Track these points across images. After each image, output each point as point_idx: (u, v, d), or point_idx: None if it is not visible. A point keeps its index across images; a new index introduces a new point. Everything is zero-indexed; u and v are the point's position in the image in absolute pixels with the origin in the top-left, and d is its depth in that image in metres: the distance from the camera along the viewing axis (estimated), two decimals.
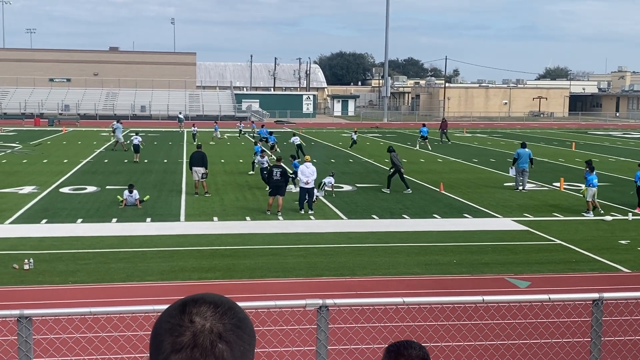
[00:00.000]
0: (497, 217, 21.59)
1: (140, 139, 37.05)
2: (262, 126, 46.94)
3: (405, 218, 21.18)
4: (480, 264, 15.66)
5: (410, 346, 2.58)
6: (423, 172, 32.96)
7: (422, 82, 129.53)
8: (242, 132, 56.83)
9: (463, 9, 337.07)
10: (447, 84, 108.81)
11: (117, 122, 44.80)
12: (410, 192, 25.84)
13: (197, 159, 24.87)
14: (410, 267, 15.27)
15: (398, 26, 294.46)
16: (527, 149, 27.38)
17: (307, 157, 22.98)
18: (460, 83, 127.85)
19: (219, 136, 52.71)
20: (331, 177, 25.30)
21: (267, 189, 21.56)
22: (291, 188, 24.27)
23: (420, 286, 13.70)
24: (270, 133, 41.61)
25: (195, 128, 49.77)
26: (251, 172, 30.78)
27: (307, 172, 21.57)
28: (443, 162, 37.98)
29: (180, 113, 68.52)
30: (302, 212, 21.47)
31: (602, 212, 21.82)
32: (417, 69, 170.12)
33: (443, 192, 26.25)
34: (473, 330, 10.35)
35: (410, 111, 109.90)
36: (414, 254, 16.51)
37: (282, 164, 22.03)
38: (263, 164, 27.05)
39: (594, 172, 22.27)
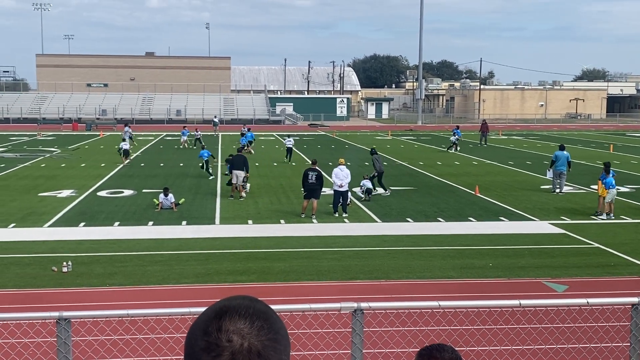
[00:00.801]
0: (534, 220, 21.33)
1: (129, 145, 38.41)
2: (249, 130, 47.93)
3: (440, 221, 21.04)
4: (517, 267, 15.48)
5: (443, 349, 2.56)
6: (458, 174, 32.72)
7: (457, 84, 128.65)
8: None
9: (498, 11, 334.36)
10: (482, 86, 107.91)
11: (126, 126, 45.52)
12: (389, 194, 25.87)
13: (239, 162, 24.95)
14: (445, 270, 15.16)
15: (432, 28, 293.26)
16: (565, 152, 27.00)
17: (342, 160, 22.91)
18: (496, 85, 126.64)
19: (185, 141, 48.56)
20: (367, 181, 25.12)
21: (302, 191, 21.57)
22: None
23: (455, 290, 13.58)
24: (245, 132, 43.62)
25: (199, 132, 49.15)
26: (212, 177, 30.71)
27: (341, 175, 21.54)
28: (478, 165, 37.66)
29: (215, 117, 69.04)
30: (337, 215, 21.46)
31: (612, 216, 21.37)
32: (451, 71, 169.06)
33: (479, 194, 26.02)
34: (510, 335, 10.23)
35: (444, 113, 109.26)
36: (449, 257, 16.39)
37: (317, 167, 22.00)
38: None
39: (611, 174, 21.81)
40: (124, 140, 40.24)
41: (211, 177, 30.33)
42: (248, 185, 25.53)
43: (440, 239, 18.36)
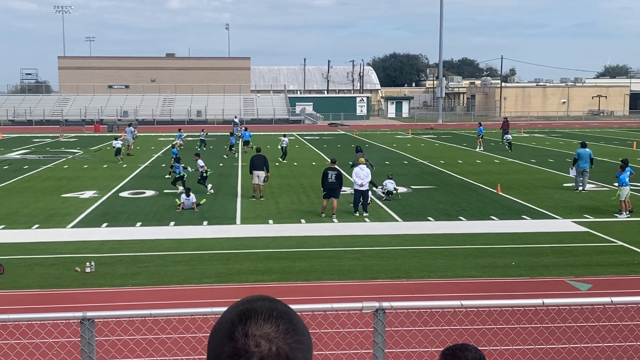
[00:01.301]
0: (557, 218, 21.15)
1: (121, 144, 39.10)
2: (246, 129, 48.75)
3: (461, 220, 20.93)
4: (540, 266, 15.36)
5: (466, 349, 2.55)
6: (480, 173, 32.53)
7: (478, 82, 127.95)
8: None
9: (519, 8, 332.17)
10: (503, 84, 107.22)
11: (129, 126, 45.92)
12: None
13: (259, 162, 24.91)
14: (467, 269, 15.08)
15: (452, 26, 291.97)
16: (587, 149, 26.74)
17: (362, 159, 22.84)
18: (517, 82, 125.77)
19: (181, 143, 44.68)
20: (389, 181, 25.00)
21: (322, 191, 21.55)
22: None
23: (477, 289, 13.51)
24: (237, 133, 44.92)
25: (205, 132, 49.16)
26: (167, 176, 30.73)
27: (361, 175, 21.51)
28: (500, 163, 37.43)
29: (235, 117, 69.24)
30: (357, 214, 21.43)
31: (627, 214, 21.05)
32: (472, 69, 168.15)
33: (500, 193, 25.86)
34: (533, 334, 10.15)
35: (465, 112, 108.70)
36: (471, 256, 16.29)
37: (336, 166, 21.98)
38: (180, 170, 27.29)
39: (628, 172, 21.51)
40: (115, 139, 41.34)
41: (210, 191, 26.57)
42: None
43: (462, 238, 18.26)
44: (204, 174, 26.50)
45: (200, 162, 26.85)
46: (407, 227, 19.91)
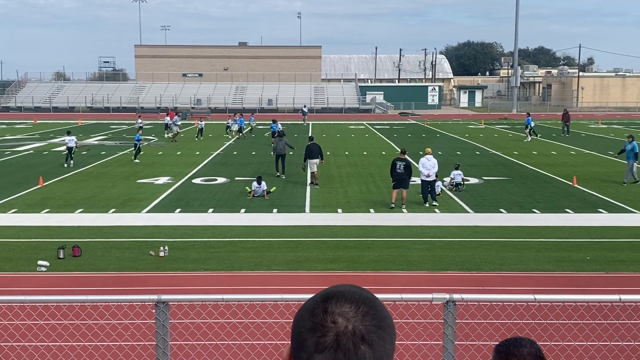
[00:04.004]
0: (635, 212, 20.44)
1: (76, 142, 32.57)
2: (241, 116, 48.97)
3: (535, 212, 20.48)
4: (616, 261, 14.89)
5: (521, 344, 2.47)
6: (555, 164, 31.74)
7: (554, 71, 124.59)
8: (228, 128, 49.53)
9: None
10: (580, 73, 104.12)
11: (177, 114, 46.70)
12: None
13: (315, 151, 25.32)
14: (540, 263, 14.75)
15: (528, 14, 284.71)
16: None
17: (429, 149, 22.61)
18: (595, 72, 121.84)
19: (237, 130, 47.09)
20: (457, 172, 24.60)
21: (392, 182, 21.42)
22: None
23: (551, 283, 13.21)
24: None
25: (236, 119, 47.73)
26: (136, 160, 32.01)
27: (428, 165, 21.30)
28: (576, 155, 36.41)
29: (304, 106, 69.57)
30: (427, 205, 21.24)
31: None
32: (548, 57, 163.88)
33: (576, 185, 25.16)
34: (609, 330, 9.86)
35: (541, 102, 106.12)
36: (545, 249, 15.93)
37: (406, 156, 21.79)
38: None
39: None
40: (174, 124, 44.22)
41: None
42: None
43: (535, 231, 17.87)
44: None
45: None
46: (478, 219, 19.62)
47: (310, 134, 30.53)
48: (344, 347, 1.47)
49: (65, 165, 30.92)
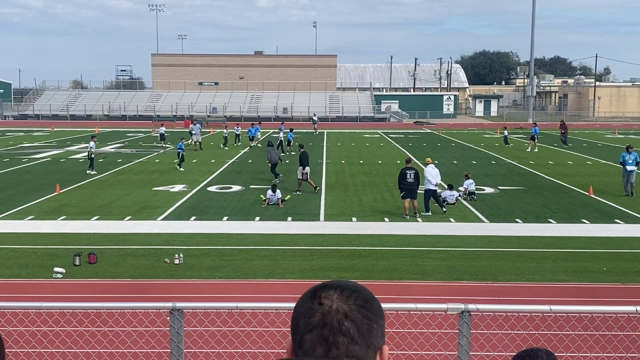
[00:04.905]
0: None
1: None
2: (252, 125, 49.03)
3: (551, 222, 20.35)
4: (633, 272, 14.76)
5: (537, 355, 2.46)
6: (571, 174, 31.55)
7: (571, 81, 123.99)
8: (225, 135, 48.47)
9: (615, 5, 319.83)
10: (597, 83, 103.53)
11: (193, 124, 46.39)
12: (282, 179, 28.36)
13: (306, 158, 25.97)
14: (556, 273, 14.65)
15: (544, 24, 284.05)
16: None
17: (429, 159, 22.62)
18: (612, 82, 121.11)
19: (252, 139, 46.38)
20: (469, 181, 24.49)
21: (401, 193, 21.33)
22: None
23: (567, 294, 13.11)
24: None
25: (239, 128, 48.68)
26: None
27: (434, 174, 21.31)
28: (593, 165, 36.18)
29: (314, 115, 69.73)
30: (430, 213, 21.18)
31: None
32: (564, 67, 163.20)
33: (592, 195, 24.99)
34: (625, 342, 9.76)
35: (557, 111, 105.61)
36: (561, 260, 15.82)
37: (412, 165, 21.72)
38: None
39: None
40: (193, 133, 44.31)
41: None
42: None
43: (551, 241, 17.76)
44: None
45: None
46: (493, 229, 19.53)
47: (300, 143, 31.24)
48: (329, 324, 1.64)
49: (89, 171, 30.98)
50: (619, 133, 62.82)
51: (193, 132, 45.50)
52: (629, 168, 25.11)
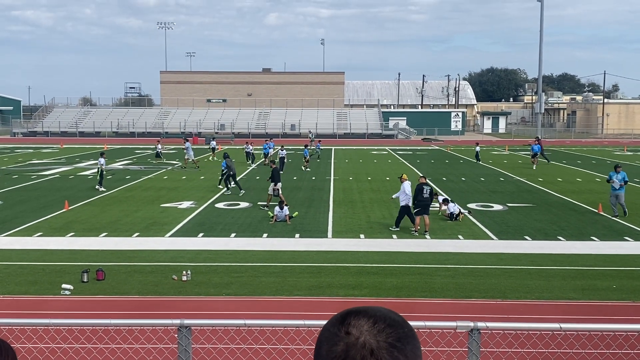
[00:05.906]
0: None
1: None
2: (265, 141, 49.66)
3: (560, 240, 20.25)
4: None
5: None
6: (580, 192, 31.42)
7: (579, 97, 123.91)
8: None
9: (623, 22, 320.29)
10: (605, 100, 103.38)
11: (186, 141, 46.07)
12: (243, 192, 29.79)
13: (277, 174, 26.38)
14: (565, 291, 14.55)
15: (552, 41, 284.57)
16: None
17: (405, 175, 22.23)
18: (621, 99, 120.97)
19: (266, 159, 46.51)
20: (454, 205, 23.67)
21: (414, 209, 21.26)
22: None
23: (577, 312, 13.01)
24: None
25: (250, 146, 47.53)
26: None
27: (408, 191, 21.23)
28: (601, 182, 36.03)
29: (310, 132, 70.13)
30: (397, 228, 21.29)
31: None
32: (572, 84, 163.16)
33: (602, 213, 24.87)
34: None
35: (565, 128, 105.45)
36: (570, 277, 15.72)
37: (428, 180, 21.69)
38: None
39: None
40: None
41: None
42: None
43: (561, 259, 17.66)
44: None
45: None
46: (502, 246, 19.44)
47: (272, 159, 31.40)
48: (351, 359, 1.48)
49: (98, 187, 31.08)
50: (628, 150, 62.63)
51: (185, 150, 44.98)
52: (616, 189, 24.42)
